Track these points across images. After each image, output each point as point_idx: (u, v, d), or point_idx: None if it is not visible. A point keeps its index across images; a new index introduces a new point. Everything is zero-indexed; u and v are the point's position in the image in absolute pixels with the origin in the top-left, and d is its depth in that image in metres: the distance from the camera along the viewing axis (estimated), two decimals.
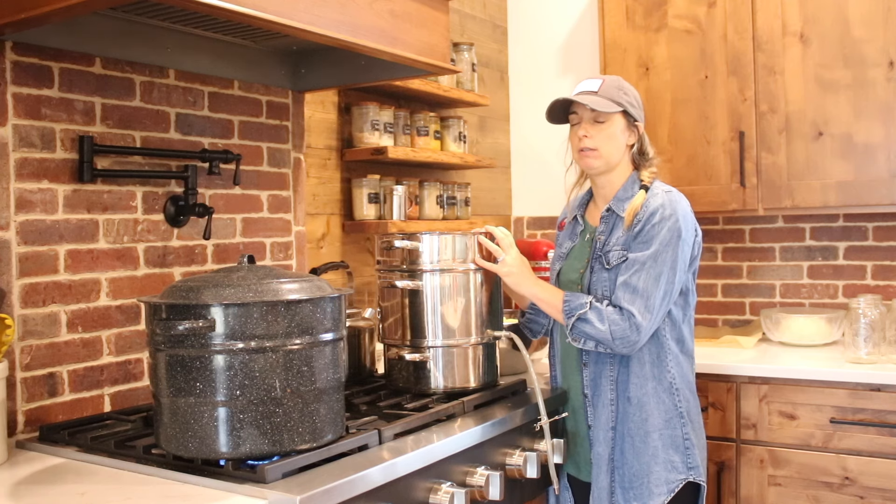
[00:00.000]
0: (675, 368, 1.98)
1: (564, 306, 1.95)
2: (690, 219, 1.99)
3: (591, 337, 1.92)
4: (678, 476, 1.93)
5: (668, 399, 1.96)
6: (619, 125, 2.02)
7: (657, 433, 1.94)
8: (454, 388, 2.01)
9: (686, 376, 2.01)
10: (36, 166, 1.75)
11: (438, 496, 1.64)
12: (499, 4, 3.57)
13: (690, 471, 1.94)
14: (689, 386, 2.02)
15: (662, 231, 1.92)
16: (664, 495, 1.92)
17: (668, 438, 1.95)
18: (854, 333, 2.48)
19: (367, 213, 2.63)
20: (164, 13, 1.83)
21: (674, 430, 1.95)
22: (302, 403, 1.49)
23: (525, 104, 3.59)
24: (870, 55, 2.61)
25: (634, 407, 1.96)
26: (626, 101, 2.01)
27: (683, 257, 1.94)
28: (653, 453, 1.94)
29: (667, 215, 1.93)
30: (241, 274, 1.51)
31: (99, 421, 1.78)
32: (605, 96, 2.00)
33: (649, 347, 1.97)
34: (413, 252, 2.00)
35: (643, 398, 1.96)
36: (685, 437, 1.96)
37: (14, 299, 1.71)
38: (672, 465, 1.94)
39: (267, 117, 2.31)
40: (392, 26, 1.90)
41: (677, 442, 1.95)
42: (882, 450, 2.34)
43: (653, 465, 1.93)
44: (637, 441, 1.95)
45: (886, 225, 2.91)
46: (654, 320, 1.91)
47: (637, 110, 2.05)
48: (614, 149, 2.03)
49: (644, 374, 1.96)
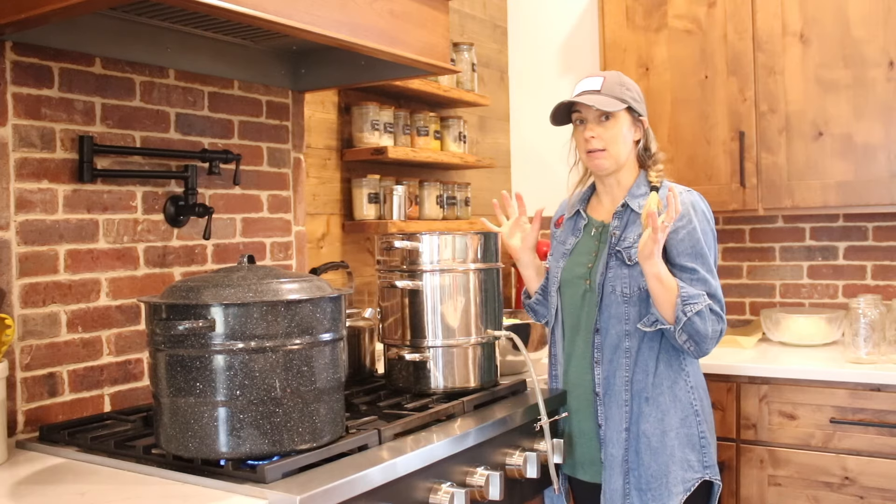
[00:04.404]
0: (690, 367, 1.98)
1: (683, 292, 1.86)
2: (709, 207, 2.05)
3: (696, 332, 1.86)
4: (694, 475, 1.92)
5: (685, 397, 1.95)
6: (625, 122, 2.00)
7: (674, 432, 1.93)
8: (454, 388, 2.01)
9: (699, 375, 2.02)
10: (36, 166, 1.75)
11: (438, 496, 1.64)
12: (499, 4, 3.58)
13: (707, 469, 1.94)
14: (702, 384, 2.02)
15: (700, 225, 1.95)
16: (681, 494, 1.91)
17: (685, 437, 1.93)
18: (854, 333, 2.48)
19: (367, 213, 2.63)
20: (164, 13, 1.83)
21: (690, 429, 1.94)
22: (302, 403, 1.49)
23: (525, 104, 3.59)
24: (870, 55, 2.61)
25: (651, 406, 1.94)
26: (629, 96, 1.99)
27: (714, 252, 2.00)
28: (670, 453, 1.92)
29: (701, 209, 1.98)
30: (241, 274, 1.51)
31: (99, 421, 1.78)
32: (609, 94, 1.97)
33: (665, 347, 1.96)
34: (413, 252, 2.00)
35: (659, 397, 1.94)
36: (701, 435, 1.95)
37: (14, 299, 1.71)
38: (689, 464, 1.92)
39: (267, 117, 2.31)
40: (392, 26, 1.90)
41: (693, 440, 1.94)
42: (882, 450, 2.34)
43: (671, 465, 1.92)
44: (654, 441, 1.93)
45: (886, 225, 2.91)
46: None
47: (640, 105, 2.03)
48: (622, 147, 2.00)
49: (660, 373, 1.95)
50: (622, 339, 1.96)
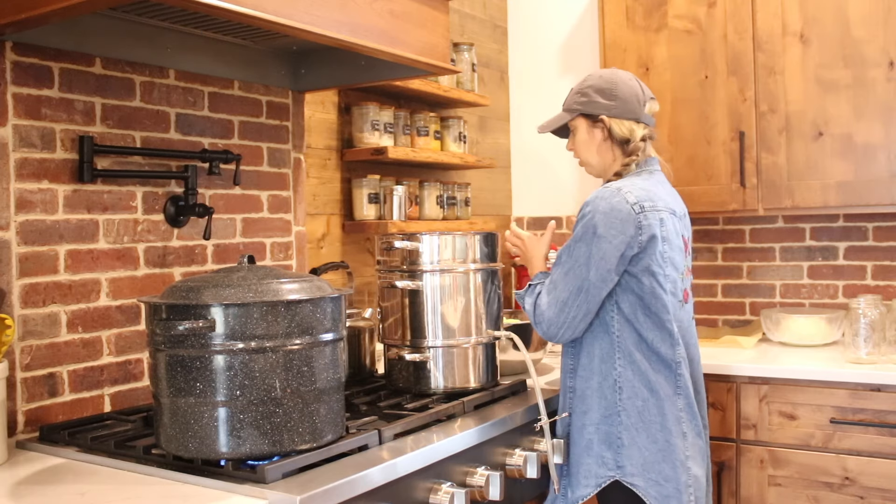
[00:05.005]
0: (623, 367, 1.92)
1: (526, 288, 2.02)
2: (616, 215, 1.87)
3: (525, 311, 2.00)
4: (607, 472, 1.92)
5: (611, 396, 1.93)
6: (582, 129, 2.08)
7: (593, 427, 1.94)
8: (454, 388, 2.01)
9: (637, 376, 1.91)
10: (36, 166, 1.75)
11: (438, 496, 1.64)
12: (499, 4, 3.58)
13: (618, 469, 1.91)
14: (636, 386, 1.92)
15: (577, 227, 1.93)
16: (590, 488, 1.93)
17: (604, 434, 1.94)
18: (854, 333, 2.48)
19: (367, 214, 2.63)
20: (164, 13, 1.83)
21: (609, 427, 1.93)
22: (302, 403, 1.49)
23: (525, 104, 3.59)
24: (870, 55, 2.61)
25: (578, 399, 1.98)
26: (581, 102, 2.05)
27: (601, 254, 1.86)
28: (586, 445, 1.95)
29: (586, 212, 1.91)
30: (242, 274, 1.51)
31: (99, 421, 1.78)
32: (565, 107, 2.11)
33: (601, 343, 1.94)
34: (413, 252, 2.00)
35: (586, 392, 1.96)
36: (617, 435, 1.92)
37: (14, 299, 1.71)
38: (603, 461, 1.93)
39: (267, 117, 2.31)
40: (392, 26, 1.91)
41: (611, 439, 1.93)
42: (882, 450, 2.34)
43: (584, 457, 1.95)
44: (574, 431, 1.98)
45: (886, 225, 2.91)
46: (563, 314, 1.91)
47: (600, 103, 2.02)
48: (587, 153, 2.10)
49: (592, 368, 1.95)
50: None
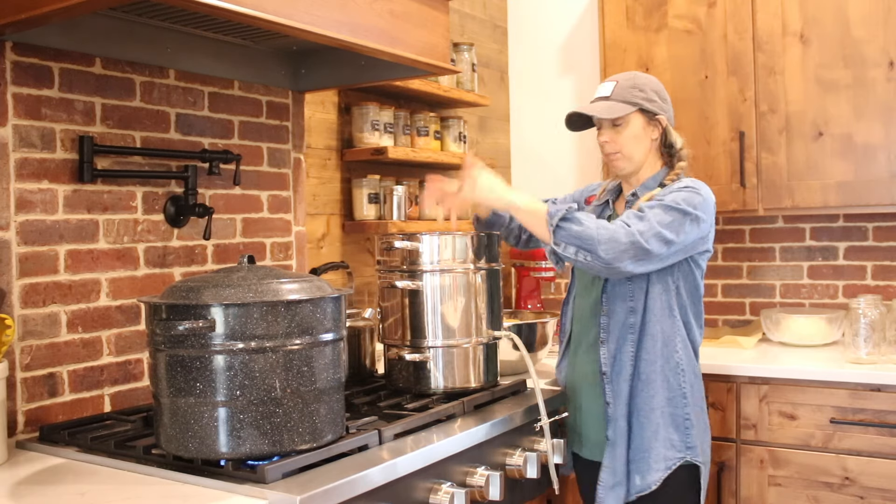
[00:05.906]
0: (683, 350, 2.00)
1: (551, 208, 1.89)
2: (711, 202, 1.98)
3: (576, 237, 1.82)
4: (676, 454, 1.95)
5: (674, 379, 1.98)
6: (638, 124, 2.04)
7: (659, 411, 1.97)
8: (454, 388, 2.01)
9: (692, 360, 2.03)
10: (36, 166, 1.75)
11: (438, 496, 1.64)
12: (499, 4, 3.58)
13: (688, 450, 1.96)
14: (693, 369, 2.03)
15: (682, 193, 1.92)
16: (661, 472, 1.94)
17: (669, 417, 1.97)
18: (854, 333, 2.48)
19: (367, 214, 2.63)
20: (164, 13, 1.83)
21: (675, 409, 1.97)
22: (302, 403, 1.49)
23: (525, 104, 3.58)
24: (870, 55, 2.61)
25: (643, 383, 1.98)
26: (641, 97, 2.03)
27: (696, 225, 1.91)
28: (654, 429, 1.96)
29: (689, 185, 1.96)
30: (242, 274, 1.51)
31: (99, 421, 1.78)
32: (618, 98, 2.03)
33: (662, 326, 1.98)
34: (413, 252, 2.00)
35: (651, 375, 1.98)
36: (685, 416, 1.98)
37: (14, 299, 1.71)
38: (671, 444, 1.96)
39: (267, 117, 2.31)
40: (392, 26, 1.91)
41: (678, 421, 1.97)
42: (882, 450, 2.34)
43: (653, 442, 1.96)
44: (642, 417, 1.98)
45: (886, 225, 2.91)
46: (652, 244, 1.84)
47: (657, 103, 2.05)
48: (636, 148, 2.05)
49: (655, 351, 1.98)
50: (627, 315, 2.00)
